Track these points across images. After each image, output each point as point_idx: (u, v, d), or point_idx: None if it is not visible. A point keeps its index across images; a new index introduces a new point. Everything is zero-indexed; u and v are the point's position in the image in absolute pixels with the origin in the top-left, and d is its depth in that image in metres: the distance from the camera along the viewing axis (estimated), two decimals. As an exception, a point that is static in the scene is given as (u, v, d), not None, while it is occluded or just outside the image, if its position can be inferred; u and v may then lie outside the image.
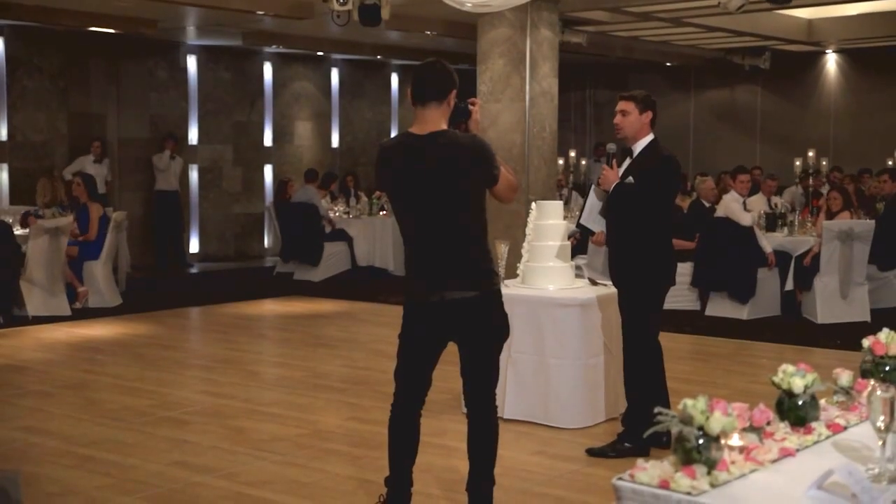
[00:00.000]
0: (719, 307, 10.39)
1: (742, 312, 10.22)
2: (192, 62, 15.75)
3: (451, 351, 7.51)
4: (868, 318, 9.96)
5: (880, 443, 2.45)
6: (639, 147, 5.65)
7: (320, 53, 16.80)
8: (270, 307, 11.61)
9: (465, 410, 4.61)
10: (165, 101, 15.46)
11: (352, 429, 6.28)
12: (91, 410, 6.72)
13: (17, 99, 13.84)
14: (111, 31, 13.40)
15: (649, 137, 5.64)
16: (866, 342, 3.17)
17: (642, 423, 5.33)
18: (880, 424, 2.42)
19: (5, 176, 13.74)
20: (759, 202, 11.48)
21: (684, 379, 7.35)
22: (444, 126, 4.22)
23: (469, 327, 4.28)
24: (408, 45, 16.23)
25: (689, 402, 2.43)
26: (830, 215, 10.45)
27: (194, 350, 9.40)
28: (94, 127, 14.66)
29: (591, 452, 5.70)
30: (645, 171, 5.54)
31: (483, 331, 4.30)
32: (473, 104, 4.41)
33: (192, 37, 15.04)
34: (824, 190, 12.25)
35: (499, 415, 4.50)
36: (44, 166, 13.80)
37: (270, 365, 8.62)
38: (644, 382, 5.61)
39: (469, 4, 7.38)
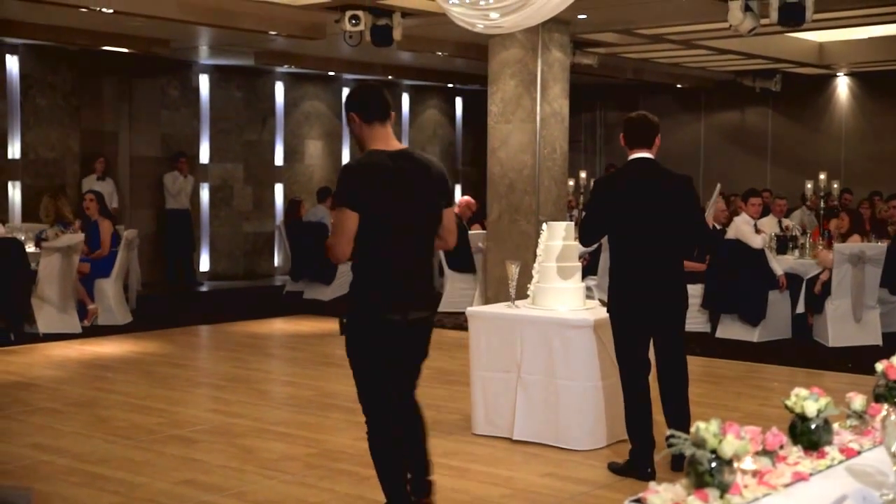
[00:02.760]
0: (730, 329, 10.36)
1: (753, 335, 10.19)
2: (204, 81, 15.83)
3: (455, 370, 7.49)
4: (880, 342, 9.92)
5: (895, 468, 2.43)
6: None
7: (331, 73, 16.86)
8: (280, 326, 11.62)
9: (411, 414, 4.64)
10: (177, 120, 15.53)
11: (361, 449, 6.24)
12: (100, 428, 6.72)
13: (30, 117, 13.92)
14: (124, 50, 13.48)
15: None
16: (879, 366, 3.15)
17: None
18: (895, 449, 2.40)
19: (18, 193, 13.80)
20: (769, 224, 11.46)
21: (694, 402, 7.28)
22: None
23: (427, 345, 4.48)
24: (419, 65, 16.29)
25: (701, 424, 2.42)
26: (841, 238, 10.43)
27: (204, 368, 9.40)
28: (106, 145, 14.73)
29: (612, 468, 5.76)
30: None
31: (428, 348, 4.52)
32: None
33: (204, 56, 15.11)
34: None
35: (509, 436, 4.48)
36: (55, 184, 13.85)
37: (280, 384, 8.62)
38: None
39: (480, 26, 7.41)
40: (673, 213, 5.52)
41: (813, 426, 2.82)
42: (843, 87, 17.39)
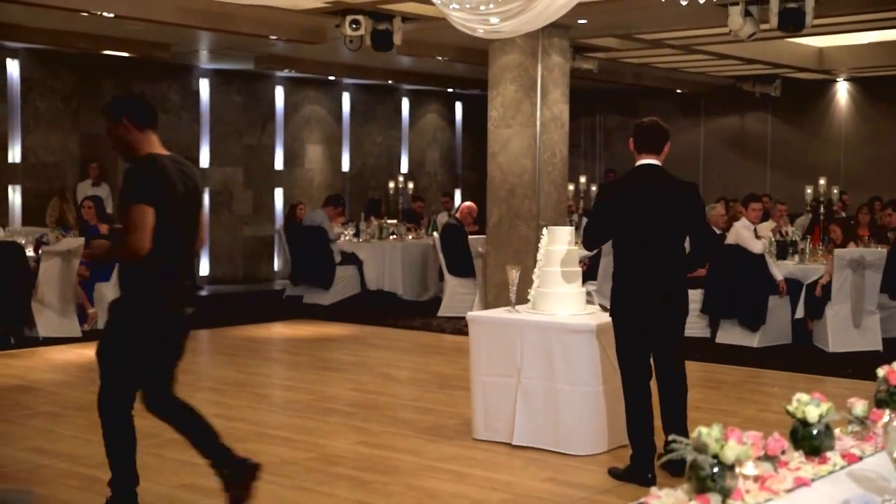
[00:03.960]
0: (730, 334, 10.36)
1: (753, 340, 10.19)
2: (204, 85, 15.84)
3: (455, 375, 7.49)
4: (880, 347, 9.92)
5: (896, 473, 2.43)
6: None
7: (332, 78, 16.88)
8: (279, 330, 11.61)
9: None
10: (177, 124, 15.53)
11: (360, 453, 6.26)
12: (100, 432, 6.65)
13: (30, 120, 13.93)
14: (124, 54, 13.50)
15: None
16: (881, 371, 3.15)
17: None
18: (896, 455, 2.40)
19: (18, 197, 13.80)
20: (767, 228, 11.46)
21: (694, 406, 7.28)
22: None
23: (187, 342, 4.98)
24: (419, 70, 16.31)
25: (703, 429, 2.42)
26: (836, 248, 10.45)
27: (203, 372, 9.39)
28: (106, 149, 14.65)
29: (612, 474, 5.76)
30: None
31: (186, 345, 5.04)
32: None
33: (204, 60, 15.13)
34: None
35: (509, 441, 4.48)
36: (55, 188, 13.86)
37: (279, 388, 8.61)
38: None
39: (481, 30, 7.40)
40: (677, 220, 5.56)
41: (815, 431, 2.82)
42: (842, 92, 17.40)
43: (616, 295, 5.64)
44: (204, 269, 15.86)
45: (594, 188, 16.51)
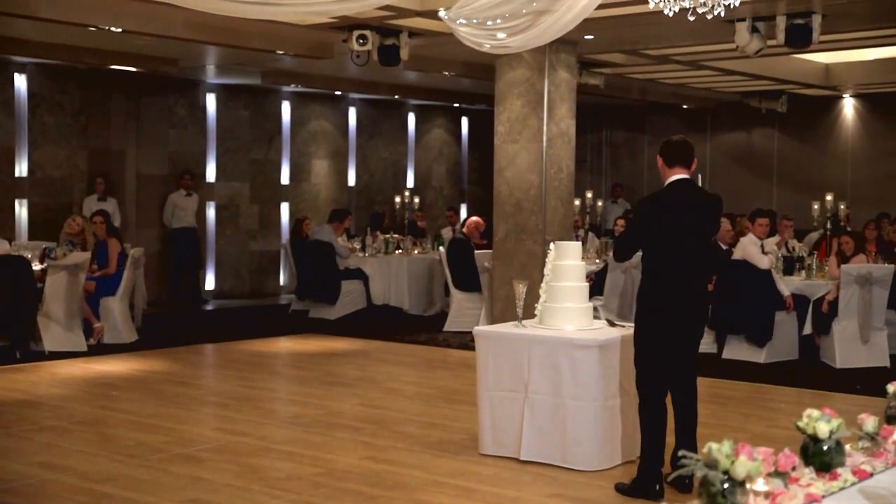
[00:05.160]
0: (736, 350, 10.33)
1: (759, 356, 10.16)
2: (211, 100, 15.88)
3: (462, 390, 7.48)
4: (887, 364, 9.89)
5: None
6: None
7: (338, 93, 16.91)
8: (286, 345, 11.61)
9: None
10: (184, 139, 15.57)
11: (367, 468, 6.25)
12: (106, 446, 6.71)
13: (38, 135, 13.97)
14: (132, 69, 13.54)
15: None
16: (891, 387, 3.14)
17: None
18: (908, 471, 2.39)
19: (25, 211, 13.83)
20: (773, 243, 11.42)
21: (701, 422, 7.24)
22: None
23: None
24: (425, 85, 16.33)
25: (714, 445, 2.41)
26: (844, 259, 10.42)
27: (209, 387, 9.39)
28: (114, 163, 14.77)
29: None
30: None
31: None
32: None
33: (211, 75, 15.17)
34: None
35: (516, 456, 4.47)
36: (62, 202, 13.89)
37: (285, 403, 8.60)
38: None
39: (488, 46, 7.41)
40: (707, 233, 5.86)
41: (825, 447, 2.81)
42: (849, 108, 17.40)
43: (648, 305, 5.71)
44: (210, 283, 15.87)
45: (600, 203, 16.54)
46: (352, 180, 17.88)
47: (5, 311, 9.80)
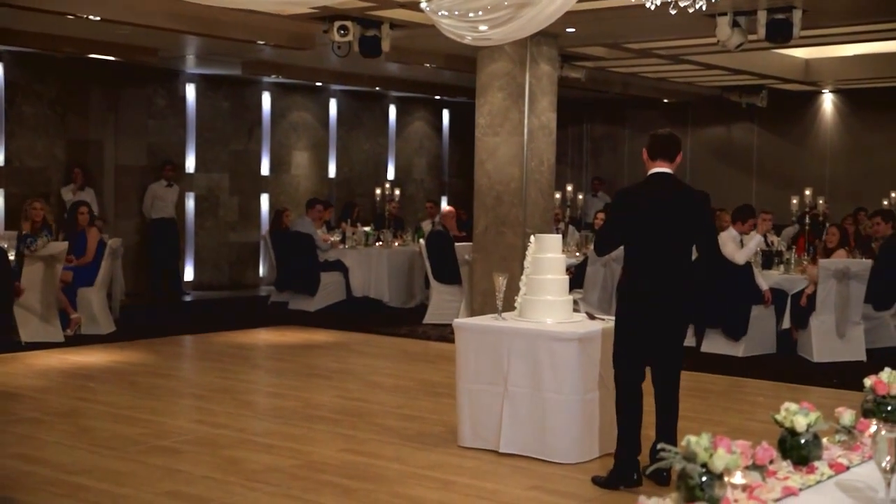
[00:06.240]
0: (715, 344, 10.37)
1: (738, 349, 10.20)
2: (190, 90, 15.79)
3: (441, 382, 7.48)
4: (864, 358, 9.95)
5: (885, 483, 2.42)
6: None
7: (319, 84, 16.85)
8: (265, 336, 11.57)
9: None
10: (163, 129, 15.47)
11: (346, 460, 6.24)
12: (84, 438, 6.67)
13: (15, 125, 13.85)
14: (111, 58, 13.43)
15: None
16: (868, 381, 3.15)
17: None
18: (885, 465, 2.40)
19: (1, 201, 13.72)
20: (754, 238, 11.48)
21: (680, 416, 7.30)
22: None
23: None
24: (407, 77, 16.30)
25: (692, 438, 2.41)
26: (826, 252, 10.47)
27: (188, 379, 9.35)
28: (92, 154, 14.67)
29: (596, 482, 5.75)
30: None
31: None
32: None
33: (191, 65, 15.08)
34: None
35: (495, 449, 4.47)
36: (40, 192, 13.78)
37: (264, 395, 8.58)
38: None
39: (469, 38, 7.40)
40: (689, 229, 5.68)
41: (803, 441, 2.82)
42: (828, 103, 17.48)
43: (626, 298, 5.71)
44: (189, 274, 15.80)
45: (581, 197, 16.55)
46: (332, 172, 17.83)
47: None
